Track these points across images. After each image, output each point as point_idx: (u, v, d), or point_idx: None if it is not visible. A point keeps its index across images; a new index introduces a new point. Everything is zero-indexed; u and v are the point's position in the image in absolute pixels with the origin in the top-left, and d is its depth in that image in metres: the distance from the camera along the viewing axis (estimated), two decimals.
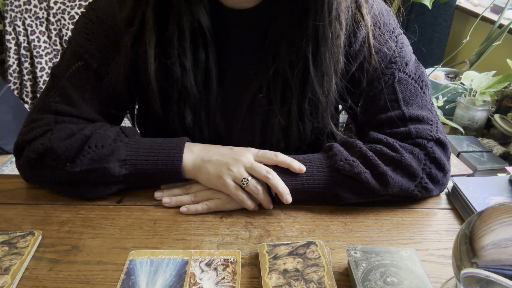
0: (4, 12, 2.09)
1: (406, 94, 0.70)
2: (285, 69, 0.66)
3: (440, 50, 2.52)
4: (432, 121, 0.70)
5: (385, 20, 0.71)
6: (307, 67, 0.66)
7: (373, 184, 0.64)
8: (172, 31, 0.65)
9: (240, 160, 0.66)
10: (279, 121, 0.70)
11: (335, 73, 0.67)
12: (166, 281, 0.53)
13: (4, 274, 0.53)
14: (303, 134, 0.73)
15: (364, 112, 0.74)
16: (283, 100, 0.69)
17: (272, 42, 0.66)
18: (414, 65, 0.72)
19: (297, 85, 0.67)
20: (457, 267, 0.42)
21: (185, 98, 0.69)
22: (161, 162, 0.65)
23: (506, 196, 0.68)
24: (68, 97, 0.69)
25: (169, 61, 0.66)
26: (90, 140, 0.64)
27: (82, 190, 0.66)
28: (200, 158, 0.67)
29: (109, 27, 0.68)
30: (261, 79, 0.68)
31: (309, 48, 0.64)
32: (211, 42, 0.67)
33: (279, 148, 0.73)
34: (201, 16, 0.64)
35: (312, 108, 0.70)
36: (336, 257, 0.58)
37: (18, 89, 2.22)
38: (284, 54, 0.65)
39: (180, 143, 0.67)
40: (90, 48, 0.68)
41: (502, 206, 0.42)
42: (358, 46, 0.69)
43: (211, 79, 0.69)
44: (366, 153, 0.65)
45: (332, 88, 0.68)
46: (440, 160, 0.67)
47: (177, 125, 0.72)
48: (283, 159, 0.66)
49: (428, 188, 0.67)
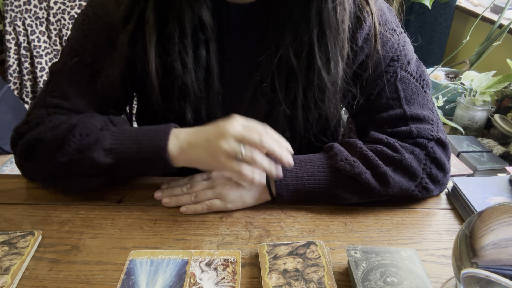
0: (4, 12, 2.09)
1: (408, 92, 0.70)
2: (289, 57, 0.65)
3: (440, 50, 2.52)
4: (433, 120, 0.70)
5: (387, 18, 0.71)
6: (313, 54, 0.65)
7: (374, 184, 0.64)
8: (172, 28, 0.64)
9: (227, 134, 0.61)
10: (284, 110, 0.69)
11: (341, 59, 0.66)
12: (166, 281, 0.53)
13: (4, 274, 0.53)
14: (308, 123, 0.72)
15: (365, 110, 0.73)
16: (288, 89, 0.68)
17: (275, 32, 0.66)
18: (415, 64, 0.72)
19: (303, 73, 0.67)
20: (457, 267, 0.42)
21: (186, 95, 0.69)
22: (146, 149, 0.63)
23: (506, 196, 0.68)
24: (63, 91, 0.69)
25: (169, 59, 0.66)
26: (75, 129, 0.63)
27: (70, 181, 0.65)
28: (187, 142, 0.64)
29: (104, 22, 0.68)
30: (264, 69, 0.68)
31: (314, 34, 0.64)
32: (212, 38, 0.67)
33: (284, 138, 0.72)
34: (202, 13, 0.64)
35: (318, 95, 0.69)
36: (336, 257, 0.58)
37: (18, 89, 2.22)
38: (288, 42, 0.65)
39: (166, 129, 0.65)
40: (86, 43, 0.69)
41: (502, 206, 0.42)
42: (367, 29, 0.68)
43: (212, 76, 0.69)
44: (367, 153, 0.65)
45: (339, 74, 0.67)
46: (440, 160, 0.67)
47: (177, 122, 0.71)
48: (271, 145, 0.61)
49: (428, 188, 0.67)
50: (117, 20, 0.66)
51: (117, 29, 0.67)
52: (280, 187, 0.65)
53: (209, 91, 0.70)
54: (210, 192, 0.67)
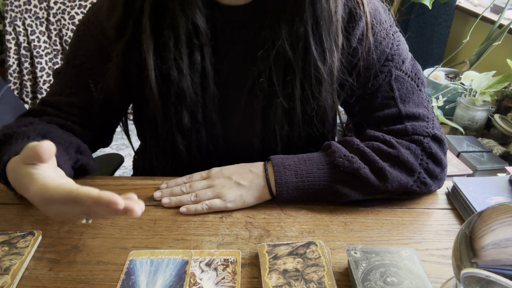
0: (4, 12, 2.09)
1: (402, 91, 0.71)
2: (286, 50, 0.66)
3: (440, 50, 2.52)
4: (428, 118, 0.71)
5: (381, 18, 0.71)
6: (308, 45, 0.66)
7: (372, 179, 0.64)
8: (168, 36, 0.65)
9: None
10: (282, 104, 0.70)
11: (336, 49, 0.67)
12: (166, 281, 0.53)
13: (4, 274, 0.53)
14: (306, 115, 0.73)
15: (361, 109, 0.74)
16: (285, 82, 0.69)
17: (271, 27, 0.66)
18: (410, 63, 0.73)
19: (299, 65, 0.67)
20: (457, 267, 0.42)
21: (182, 100, 0.69)
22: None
23: (506, 196, 0.68)
24: (52, 89, 0.74)
25: (165, 66, 0.66)
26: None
27: None
28: None
29: (97, 30, 0.70)
30: (261, 64, 0.68)
31: (309, 26, 0.64)
32: (207, 42, 0.67)
33: (283, 131, 0.73)
34: (197, 19, 0.64)
35: (316, 86, 0.69)
36: (336, 257, 0.58)
37: (18, 89, 2.22)
38: (284, 35, 0.65)
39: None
40: (79, 48, 0.72)
41: (502, 206, 0.42)
42: (360, 29, 0.69)
43: (207, 79, 0.69)
44: (364, 149, 0.66)
45: (335, 64, 0.68)
46: (437, 155, 0.68)
47: (173, 126, 0.72)
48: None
49: (427, 183, 0.67)
50: (110, 32, 0.68)
51: (109, 39, 0.68)
52: (280, 185, 0.66)
53: (205, 95, 0.71)
54: (210, 192, 0.67)
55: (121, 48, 0.67)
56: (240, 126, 0.75)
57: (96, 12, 0.71)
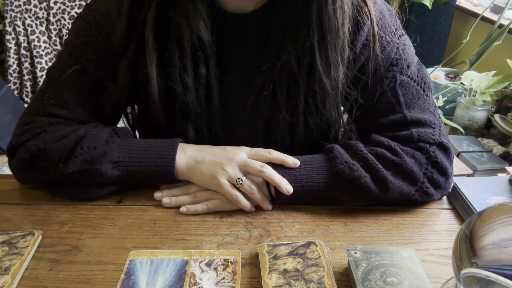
0: (4, 12, 2.09)
1: (408, 97, 0.69)
2: (291, 64, 0.65)
3: (440, 50, 2.52)
4: (435, 124, 0.69)
5: (386, 21, 0.70)
6: (314, 58, 0.65)
7: (373, 188, 0.63)
8: (173, 50, 0.64)
9: (233, 160, 0.65)
10: (285, 118, 0.69)
11: (342, 62, 0.66)
12: (166, 281, 0.53)
13: (4, 274, 0.53)
14: (309, 129, 0.72)
15: (366, 115, 0.73)
16: (289, 96, 0.68)
17: (275, 39, 0.65)
18: (416, 67, 0.71)
19: (304, 79, 0.66)
20: (457, 267, 0.42)
21: (187, 114, 0.69)
22: (153, 163, 0.65)
23: (506, 196, 0.68)
24: (63, 100, 0.68)
25: (170, 81, 0.66)
26: (82, 141, 0.64)
27: (74, 191, 0.66)
28: (194, 159, 0.66)
29: (106, 31, 0.67)
30: (265, 77, 0.67)
31: (315, 39, 0.63)
32: (212, 55, 0.66)
33: (285, 144, 0.72)
34: (201, 32, 0.63)
35: (320, 101, 0.68)
36: (336, 257, 0.58)
37: (18, 89, 2.23)
38: (289, 48, 0.64)
39: (173, 144, 0.67)
40: (87, 51, 0.67)
41: (502, 206, 0.42)
42: (365, 34, 0.68)
43: (212, 93, 0.69)
44: (367, 156, 0.65)
45: (340, 78, 0.67)
46: (442, 165, 0.66)
47: (179, 138, 0.71)
48: (277, 155, 0.66)
49: (429, 192, 0.66)
50: (116, 42, 0.66)
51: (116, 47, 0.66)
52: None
53: (210, 108, 0.70)
54: (210, 193, 0.67)
55: (127, 63, 0.66)
56: (242, 139, 0.74)
57: (102, 10, 0.67)
